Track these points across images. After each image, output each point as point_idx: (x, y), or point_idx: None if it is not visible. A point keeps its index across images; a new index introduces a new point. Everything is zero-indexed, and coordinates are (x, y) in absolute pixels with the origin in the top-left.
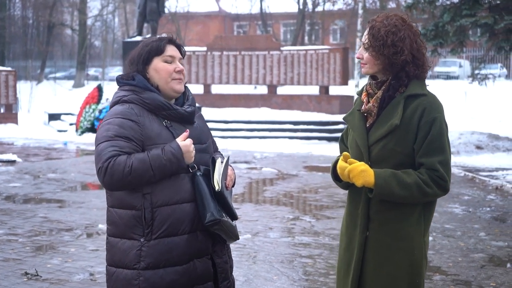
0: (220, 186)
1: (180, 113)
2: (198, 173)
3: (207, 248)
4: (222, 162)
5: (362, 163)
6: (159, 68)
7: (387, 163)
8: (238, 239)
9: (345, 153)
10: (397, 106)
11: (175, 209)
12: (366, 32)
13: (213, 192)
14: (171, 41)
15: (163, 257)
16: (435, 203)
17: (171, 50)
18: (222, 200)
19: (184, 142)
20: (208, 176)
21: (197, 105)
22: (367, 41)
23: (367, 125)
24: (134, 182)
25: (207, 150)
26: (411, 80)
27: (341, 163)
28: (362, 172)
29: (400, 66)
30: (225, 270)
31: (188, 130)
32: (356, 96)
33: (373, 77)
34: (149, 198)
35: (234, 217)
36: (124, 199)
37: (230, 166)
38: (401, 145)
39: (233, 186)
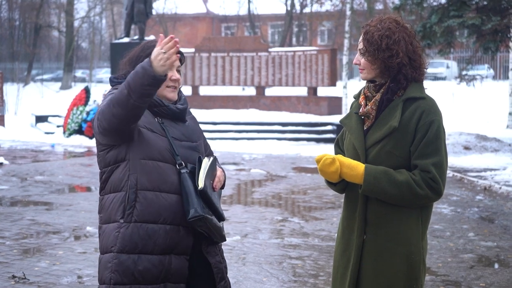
0: (203, 184)
1: (172, 109)
2: (184, 171)
3: (187, 246)
4: (208, 162)
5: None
6: None
7: (384, 166)
8: (225, 240)
9: (316, 158)
10: (396, 109)
11: (159, 196)
12: (361, 38)
13: (197, 190)
14: None
15: (140, 242)
16: (431, 208)
17: None
18: (206, 199)
19: (154, 50)
20: (195, 174)
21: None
22: (362, 46)
23: (365, 128)
24: (119, 109)
25: (197, 149)
26: (409, 83)
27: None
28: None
29: (397, 69)
30: (221, 270)
31: (162, 34)
32: (352, 99)
33: (371, 80)
34: (134, 179)
35: (221, 217)
36: (114, 183)
37: (221, 168)
38: (398, 148)
39: (222, 188)
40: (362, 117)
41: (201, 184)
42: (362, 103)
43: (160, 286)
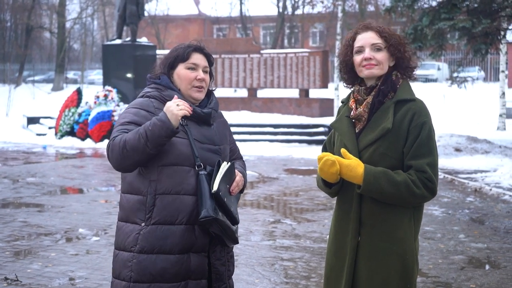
0: (217, 188)
1: (197, 112)
2: (201, 172)
3: (203, 244)
4: (226, 166)
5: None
6: (181, 74)
7: (379, 168)
8: (237, 242)
9: (319, 155)
10: (388, 111)
11: (176, 199)
12: (374, 35)
13: (211, 193)
14: (197, 49)
15: (158, 243)
16: (423, 208)
17: (196, 58)
18: (220, 202)
19: (168, 103)
20: (212, 176)
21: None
22: (380, 41)
23: (357, 131)
24: (133, 155)
25: (218, 152)
26: (399, 84)
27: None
28: (349, 167)
29: (403, 65)
30: (220, 272)
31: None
32: (340, 104)
33: (360, 84)
34: (154, 185)
35: (234, 221)
36: (134, 184)
37: (241, 173)
38: (391, 149)
39: (241, 193)
40: (353, 120)
41: (215, 187)
42: (353, 107)
43: (181, 284)
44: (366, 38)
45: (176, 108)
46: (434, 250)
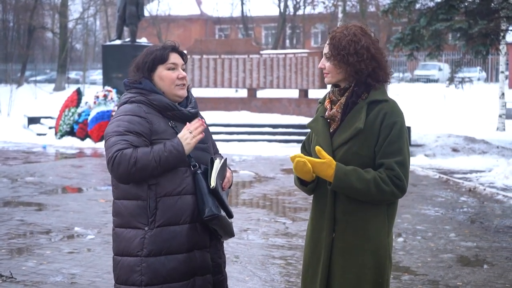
0: (215, 183)
1: (184, 113)
2: (199, 171)
3: (205, 240)
4: (219, 163)
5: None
6: (163, 76)
7: (351, 166)
8: (233, 235)
9: (291, 156)
10: (360, 111)
11: (177, 200)
12: (327, 43)
13: (210, 189)
14: (174, 49)
15: (165, 244)
16: (396, 206)
17: (174, 58)
18: (217, 197)
19: (182, 131)
20: (207, 174)
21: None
22: (328, 51)
23: (331, 131)
24: (139, 174)
25: (208, 150)
26: (373, 86)
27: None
28: (324, 165)
29: (366, 72)
30: (219, 264)
31: (201, 120)
32: (318, 104)
33: (335, 85)
34: (154, 188)
35: (230, 215)
36: (130, 191)
37: (229, 169)
38: (364, 149)
39: (229, 187)
40: (328, 120)
41: (213, 183)
42: (328, 107)
43: (190, 282)
44: (324, 46)
45: (190, 137)
46: (424, 249)
